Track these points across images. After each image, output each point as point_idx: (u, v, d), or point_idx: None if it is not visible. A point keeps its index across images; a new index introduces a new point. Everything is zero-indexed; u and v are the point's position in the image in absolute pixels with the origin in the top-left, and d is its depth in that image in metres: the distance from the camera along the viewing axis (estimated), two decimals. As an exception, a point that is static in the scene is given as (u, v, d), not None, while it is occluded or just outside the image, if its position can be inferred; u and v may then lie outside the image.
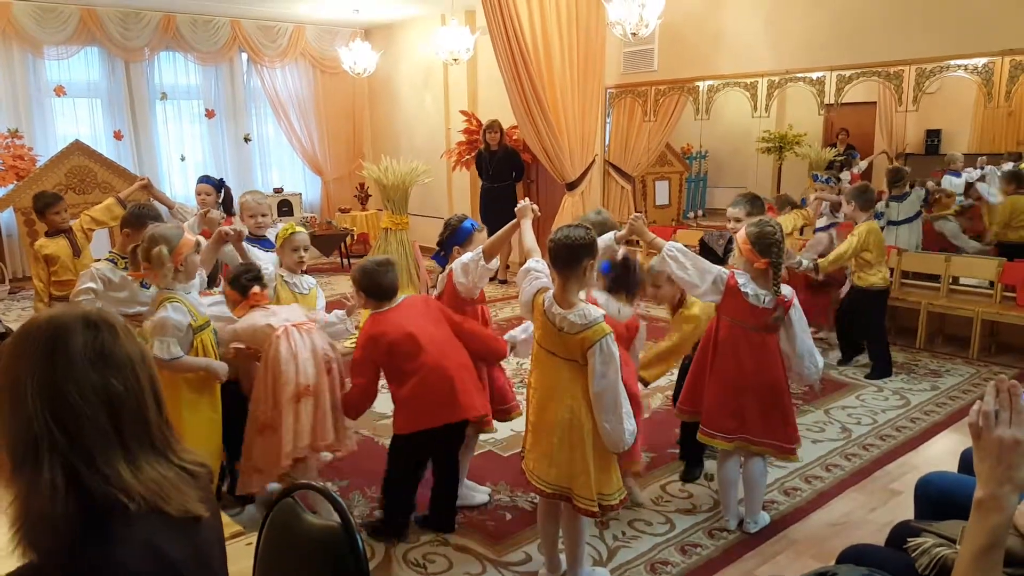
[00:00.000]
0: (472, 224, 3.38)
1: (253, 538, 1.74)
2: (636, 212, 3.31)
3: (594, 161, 7.83)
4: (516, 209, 3.10)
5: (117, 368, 1.15)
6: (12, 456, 1.10)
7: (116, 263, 3.56)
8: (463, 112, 9.01)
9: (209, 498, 1.25)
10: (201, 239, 3.07)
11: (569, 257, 2.47)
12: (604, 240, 3.28)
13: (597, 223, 3.39)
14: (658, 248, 3.04)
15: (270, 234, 4.00)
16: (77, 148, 7.99)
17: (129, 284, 3.55)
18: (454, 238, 3.35)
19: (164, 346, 2.75)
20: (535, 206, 3.09)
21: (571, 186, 7.66)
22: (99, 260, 3.64)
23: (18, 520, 1.07)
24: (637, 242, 3.29)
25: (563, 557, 2.81)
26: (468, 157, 8.76)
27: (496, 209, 7.74)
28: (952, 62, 5.77)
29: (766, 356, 2.99)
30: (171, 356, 2.76)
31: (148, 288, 3.64)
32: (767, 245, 2.91)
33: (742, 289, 2.94)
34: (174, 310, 2.80)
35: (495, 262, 3.18)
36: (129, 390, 1.15)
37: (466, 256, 3.19)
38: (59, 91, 8.86)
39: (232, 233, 3.33)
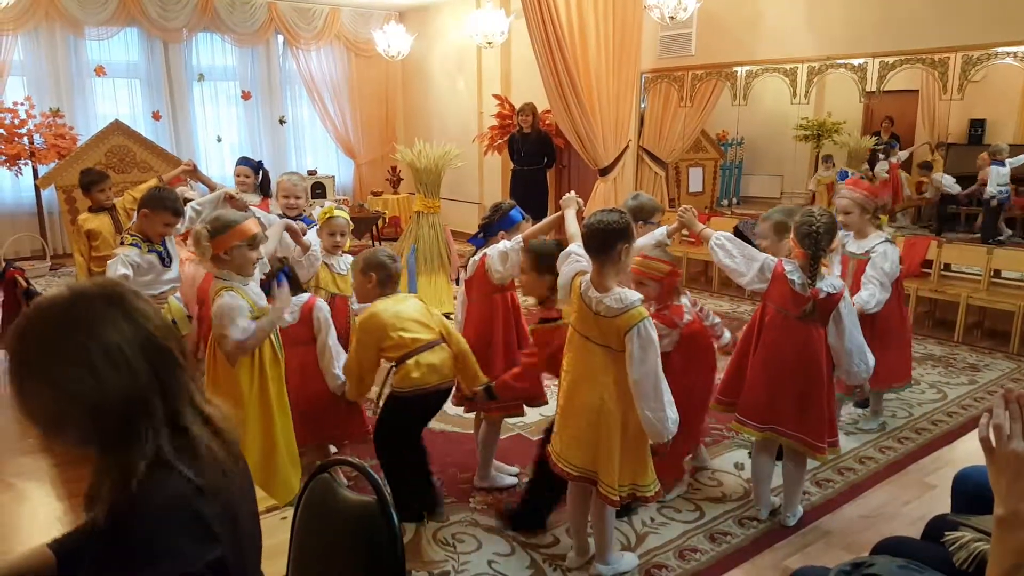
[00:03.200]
0: (521, 214, 3.38)
1: (289, 512, 1.77)
2: (685, 206, 3.26)
3: (627, 146, 7.76)
4: (561, 200, 3.15)
5: (162, 317, 1.19)
6: (110, 429, 1.10)
7: (140, 247, 3.54)
8: (496, 96, 8.98)
9: (235, 465, 1.26)
10: (260, 230, 2.97)
11: (603, 241, 2.46)
12: (656, 235, 3.26)
13: (633, 208, 3.38)
14: (706, 239, 3.04)
15: (314, 213, 4.05)
16: (117, 128, 8.11)
17: (154, 266, 3.56)
18: (502, 223, 3.33)
19: (238, 328, 2.71)
20: (580, 199, 3.12)
21: (604, 172, 7.61)
22: (122, 245, 3.61)
23: (108, 492, 1.08)
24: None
25: (592, 541, 2.82)
26: (500, 141, 8.74)
27: (526, 193, 7.72)
28: (1000, 49, 5.60)
29: (809, 348, 2.90)
30: (249, 331, 2.72)
31: (170, 267, 3.67)
32: (803, 235, 2.85)
33: (789, 276, 2.88)
34: (230, 297, 2.75)
35: None
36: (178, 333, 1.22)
37: (503, 244, 3.20)
38: (99, 71, 9.03)
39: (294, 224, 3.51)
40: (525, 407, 3.34)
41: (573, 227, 2.95)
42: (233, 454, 1.25)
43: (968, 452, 3.78)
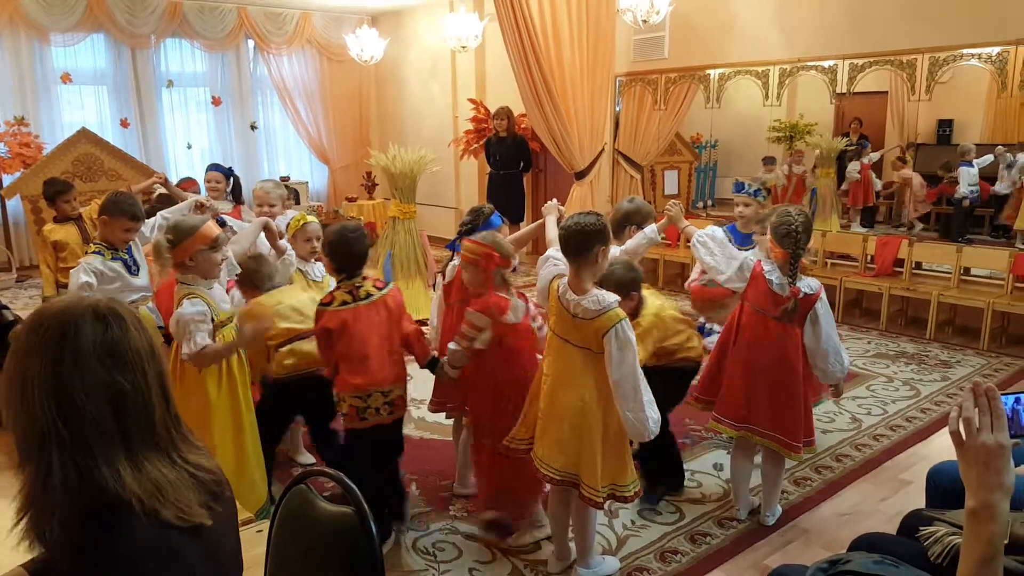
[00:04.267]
0: (500, 219, 3.38)
1: (265, 525, 1.74)
2: (673, 200, 3.30)
3: (603, 150, 7.79)
4: (542, 208, 3.19)
5: (125, 364, 1.12)
6: (19, 448, 1.10)
7: (103, 255, 3.46)
8: (471, 100, 8.96)
9: (217, 504, 1.22)
10: (220, 231, 2.91)
11: (580, 244, 2.46)
12: (648, 234, 3.27)
13: (630, 211, 3.40)
14: (689, 236, 3.09)
15: (281, 222, 3.98)
16: (84, 136, 7.98)
17: (120, 274, 3.47)
18: (483, 228, 3.32)
19: (190, 342, 2.65)
20: (561, 207, 3.18)
21: (580, 175, 7.62)
22: (87, 254, 3.53)
23: (22, 510, 1.08)
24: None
25: (573, 545, 2.81)
26: (476, 146, 8.73)
27: (502, 197, 7.71)
28: (966, 51, 5.70)
29: (786, 348, 2.92)
30: (198, 347, 2.66)
31: (138, 275, 3.58)
32: (782, 235, 2.87)
33: (767, 276, 2.91)
34: (189, 304, 2.69)
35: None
36: (136, 387, 1.13)
37: None
38: (65, 78, 8.85)
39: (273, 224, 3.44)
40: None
41: (552, 232, 2.97)
42: (214, 492, 1.22)
43: (941, 448, 3.83)
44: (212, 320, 2.75)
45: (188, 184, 6.29)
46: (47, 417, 1.07)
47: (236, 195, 4.93)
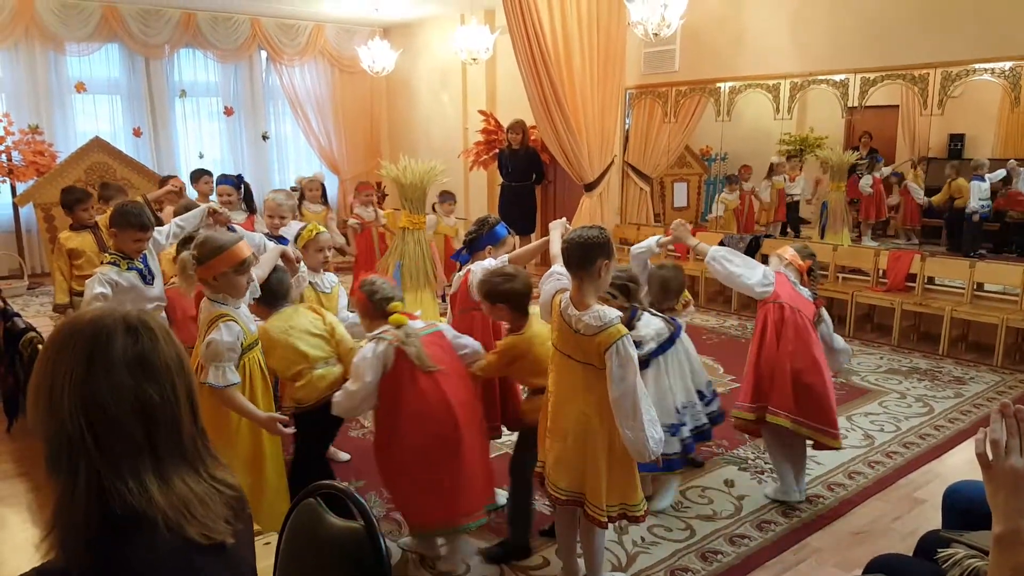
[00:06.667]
0: (507, 229, 3.39)
1: (273, 538, 1.72)
2: (679, 220, 3.43)
3: (613, 162, 7.78)
4: (550, 225, 3.19)
5: (155, 375, 1.12)
6: (47, 454, 1.09)
7: (119, 265, 3.44)
8: (481, 112, 8.98)
9: (238, 522, 1.20)
10: (250, 253, 2.83)
11: (583, 257, 2.43)
12: (649, 243, 3.28)
13: None
14: (702, 253, 3.13)
15: (287, 233, 3.98)
16: (97, 145, 8.04)
17: (135, 285, 3.45)
18: (488, 238, 3.32)
19: (219, 372, 2.60)
20: (568, 224, 3.17)
21: (589, 187, 7.62)
22: (102, 264, 3.53)
23: (51, 522, 1.06)
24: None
25: (582, 562, 2.78)
26: (485, 157, 8.74)
27: (514, 209, 7.72)
28: (978, 65, 5.68)
29: (815, 348, 3.24)
30: (226, 383, 2.60)
31: (152, 284, 3.56)
32: (807, 254, 3.43)
33: (790, 280, 3.31)
34: (227, 331, 2.61)
35: None
36: (165, 399, 1.12)
37: (489, 261, 3.18)
38: (80, 87, 8.94)
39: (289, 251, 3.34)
40: (504, 428, 3.31)
41: (557, 248, 2.94)
42: (235, 509, 1.21)
43: (956, 466, 3.78)
44: (241, 344, 2.70)
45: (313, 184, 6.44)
46: (75, 426, 1.06)
47: (249, 204, 4.94)
